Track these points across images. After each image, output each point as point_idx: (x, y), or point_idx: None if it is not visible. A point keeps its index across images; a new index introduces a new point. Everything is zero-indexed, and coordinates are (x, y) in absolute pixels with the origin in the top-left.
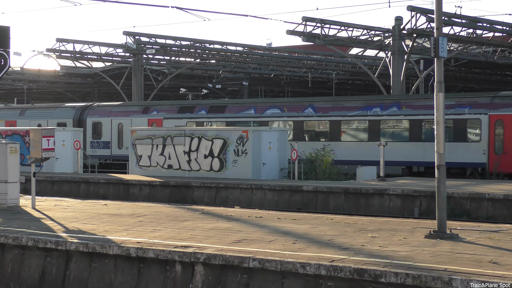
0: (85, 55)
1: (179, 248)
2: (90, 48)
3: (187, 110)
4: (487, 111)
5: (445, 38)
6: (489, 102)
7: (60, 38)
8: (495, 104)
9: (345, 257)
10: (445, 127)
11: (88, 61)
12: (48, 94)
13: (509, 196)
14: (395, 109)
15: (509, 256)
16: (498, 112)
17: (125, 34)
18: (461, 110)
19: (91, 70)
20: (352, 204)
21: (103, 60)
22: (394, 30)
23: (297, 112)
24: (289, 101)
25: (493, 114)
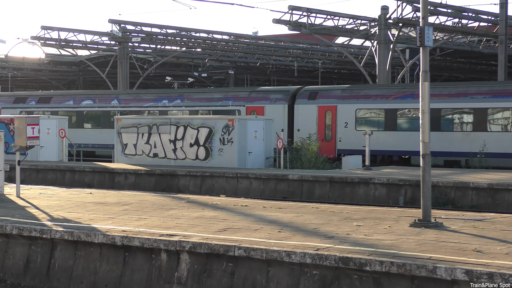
0: (70, 43)
1: (164, 236)
2: (75, 36)
3: (20, 101)
4: (245, 104)
5: (430, 28)
6: (247, 96)
7: (45, 25)
8: (251, 98)
9: (330, 245)
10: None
11: (73, 49)
12: (33, 82)
13: (493, 185)
14: (179, 101)
15: (492, 244)
16: (253, 104)
17: (110, 22)
18: (227, 102)
19: (76, 58)
20: (338, 193)
21: (88, 48)
22: (380, 20)
23: (105, 103)
24: (100, 93)
25: (249, 106)
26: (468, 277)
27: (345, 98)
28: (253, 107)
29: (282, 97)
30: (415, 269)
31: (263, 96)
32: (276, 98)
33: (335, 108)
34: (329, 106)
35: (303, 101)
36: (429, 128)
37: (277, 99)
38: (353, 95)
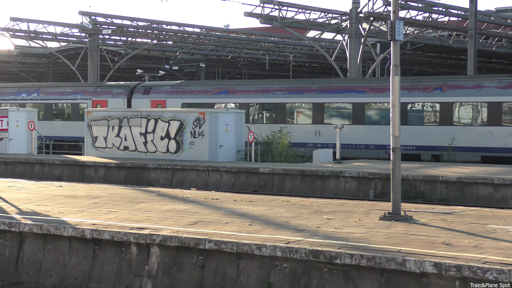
0: (40, 34)
1: (134, 229)
2: (45, 27)
3: None
4: (91, 97)
5: (401, 22)
6: (93, 91)
7: (14, 17)
8: (97, 92)
9: (300, 238)
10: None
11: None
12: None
13: (462, 179)
14: (36, 94)
15: (461, 237)
16: (98, 98)
17: (81, 14)
18: (76, 96)
19: (46, 50)
20: (308, 186)
21: (58, 40)
22: (351, 13)
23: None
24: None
25: (95, 99)
26: (437, 270)
27: (173, 93)
28: (98, 101)
29: (123, 92)
30: (385, 262)
31: (107, 90)
32: (118, 92)
33: (164, 102)
34: (160, 100)
35: (139, 96)
36: (399, 122)
37: (118, 93)
38: (180, 90)
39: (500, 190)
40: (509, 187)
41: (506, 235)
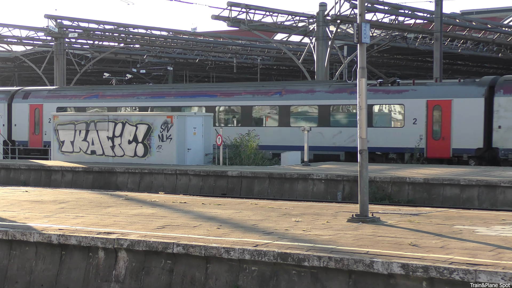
0: (5, 38)
1: (102, 234)
2: (10, 31)
3: None
4: None
5: (367, 25)
6: None
7: None
8: None
9: (269, 241)
10: None
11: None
12: None
13: (429, 180)
14: None
15: (428, 238)
16: None
17: (46, 18)
18: None
19: (11, 54)
20: (277, 189)
21: (23, 44)
22: (319, 16)
23: None
24: None
25: None
26: (404, 271)
27: (49, 97)
28: None
29: (3, 97)
30: (353, 264)
31: None
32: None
33: (42, 106)
34: (37, 104)
35: (19, 100)
36: (366, 124)
37: (0, 99)
38: (55, 95)
39: (466, 191)
40: (475, 188)
41: (472, 236)
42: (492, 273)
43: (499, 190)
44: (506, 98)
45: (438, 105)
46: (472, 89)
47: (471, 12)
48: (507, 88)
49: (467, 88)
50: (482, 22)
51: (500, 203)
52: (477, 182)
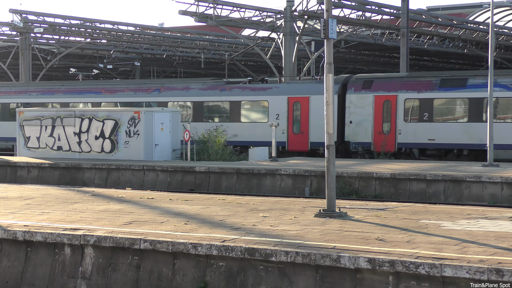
0: None
1: (68, 230)
2: None
3: None
4: None
5: (334, 20)
6: None
7: None
8: None
9: (236, 237)
10: None
11: None
12: None
13: (396, 175)
14: None
15: (394, 233)
16: None
17: (11, 12)
18: None
19: None
20: (244, 185)
21: None
22: (286, 12)
23: None
24: None
25: None
26: (371, 266)
27: None
28: None
29: None
30: (320, 258)
31: None
32: None
33: None
34: None
35: None
36: (333, 119)
37: None
38: None
39: (432, 185)
40: (440, 183)
41: (438, 230)
42: (457, 267)
43: (465, 185)
44: (356, 95)
45: (298, 102)
46: None
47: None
48: (357, 86)
49: (323, 85)
50: (448, 18)
51: (465, 197)
52: (443, 177)
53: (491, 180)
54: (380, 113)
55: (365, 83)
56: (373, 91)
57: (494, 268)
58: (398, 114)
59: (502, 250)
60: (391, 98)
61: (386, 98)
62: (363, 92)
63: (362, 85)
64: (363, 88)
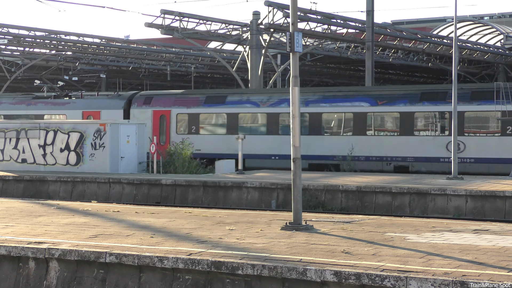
0: None
1: (32, 244)
2: None
3: None
4: None
5: (300, 34)
6: None
7: None
8: None
9: (202, 250)
10: None
11: None
12: None
13: (361, 188)
14: None
15: (360, 245)
16: None
17: None
18: None
19: None
20: (211, 197)
21: None
22: (252, 25)
23: None
24: None
25: None
26: (337, 278)
27: None
28: None
29: None
30: (286, 271)
31: None
32: None
33: None
34: None
35: None
36: (299, 132)
37: None
38: None
39: (397, 198)
40: (406, 196)
41: (403, 243)
42: (422, 279)
43: (430, 198)
44: (139, 110)
45: (91, 116)
46: (115, 102)
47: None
48: (140, 102)
49: (112, 101)
50: (412, 32)
51: (430, 210)
52: (408, 190)
53: (455, 193)
54: (157, 125)
55: (146, 99)
56: (152, 106)
57: (459, 280)
58: (171, 127)
59: (466, 263)
60: (166, 113)
61: (162, 113)
62: (144, 107)
63: (144, 101)
64: (144, 104)
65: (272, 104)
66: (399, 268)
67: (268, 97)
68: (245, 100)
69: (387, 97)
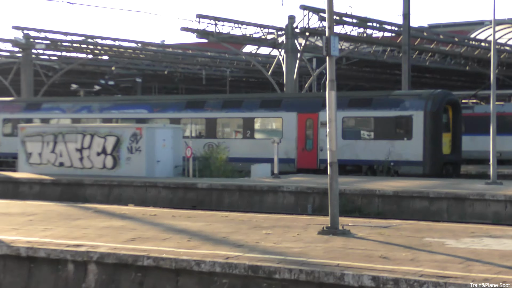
0: None
1: (71, 247)
2: None
3: None
4: None
5: (336, 37)
6: None
7: None
8: None
9: (239, 254)
10: None
11: None
12: None
13: (398, 193)
14: None
15: (398, 251)
16: None
17: (14, 29)
18: None
19: None
20: (247, 201)
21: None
22: (287, 29)
23: None
24: None
25: None
26: (375, 284)
27: None
28: None
29: None
30: (323, 276)
31: None
32: None
33: None
34: None
35: None
36: (335, 136)
37: None
38: None
39: (435, 203)
40: (443, 201)
41: (442, 248)
42: (461, 285)
43: (468, 203)
44: None
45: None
46: None
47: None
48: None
49: None
50: (450, 35)
51: (468, 216)
52: (446, 195)
53: (494, 198)
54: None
55: None
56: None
57: (499, 287)
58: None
59: (506, 269)
60: None
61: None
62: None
63: None
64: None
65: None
66: (438, 274)
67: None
68: None
69: (161, 105)
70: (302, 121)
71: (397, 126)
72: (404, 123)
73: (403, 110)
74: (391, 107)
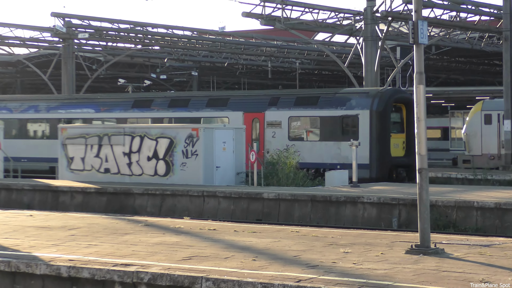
0: (6, 39)
1: (118, 266)
2: (11, 31)
3: None
4: None
5: (425, 22)
6: None
7: None
8: None
9: (313, 276)
10: None
11: (10, 47)
12: None
13: (501, 205)
14: None
15: (502, 274)
16: None
17: (53, 16)
18: None
19: (13, 58)
20: (321, 214)
21: (27, 46)
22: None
23: None
24: None
25: None
26: None
27: None
28: None
29: None
30: None
31: None
32: None
33: None
34: None
35: None
36: (425, 138)
37: None
38: None
39: None
40: None
41: None
42: None
43: None
44: None
45: None
46: None
47: None
48: None
49: None
50: None
51: None
52: None
53: None
54: None
55: None
56: None
57: None
58: None
59: None
60: None
61: None
62: None
63: None
64: None
65: None
66: None
67: None
68: None
69: (108, 104)
70: (248, 121)
71: (343, 127)
72: (350, 123)
73: (349, 109)
74: (337, 106)
